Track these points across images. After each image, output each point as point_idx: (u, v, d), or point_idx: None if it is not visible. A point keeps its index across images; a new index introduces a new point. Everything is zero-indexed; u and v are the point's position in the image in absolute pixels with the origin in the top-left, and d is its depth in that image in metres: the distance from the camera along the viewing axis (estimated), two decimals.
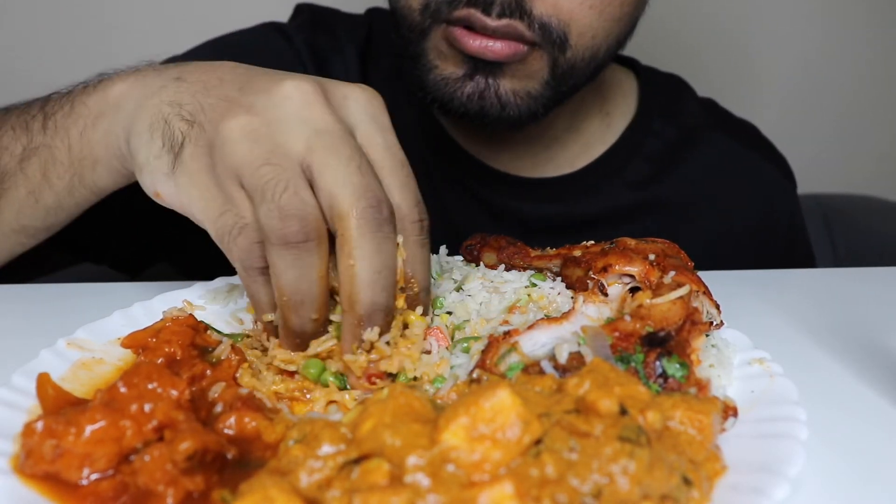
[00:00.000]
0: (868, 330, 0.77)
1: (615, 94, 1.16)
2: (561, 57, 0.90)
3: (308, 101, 0.60)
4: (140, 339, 0.64)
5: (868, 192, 1.76)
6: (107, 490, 0.48)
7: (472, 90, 0.91)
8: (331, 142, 0.58)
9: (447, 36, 0.88)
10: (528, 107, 0.93)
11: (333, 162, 0.58)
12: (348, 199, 0.57)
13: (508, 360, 0.60)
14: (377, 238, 0.58)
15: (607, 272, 0.68)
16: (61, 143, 0.76)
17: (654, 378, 0.57)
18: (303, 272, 0.58)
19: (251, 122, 0.59)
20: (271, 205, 0.56)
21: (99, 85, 0.75)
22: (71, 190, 0.78)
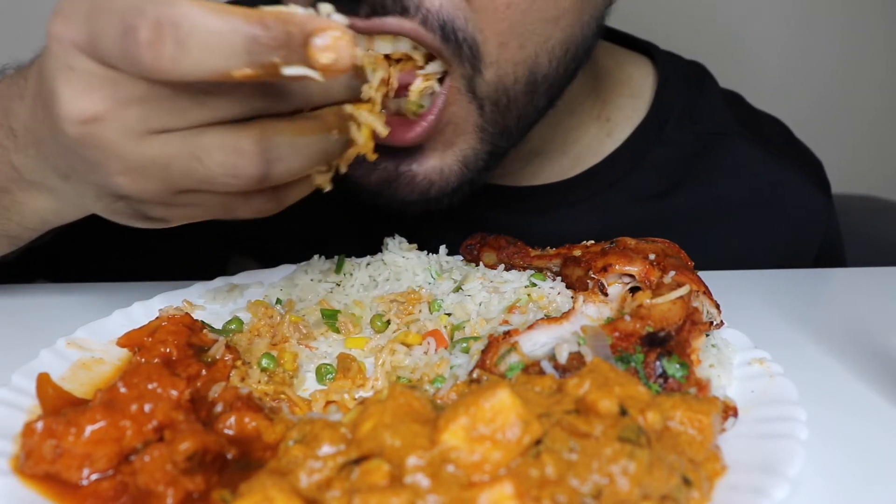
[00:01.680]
0: (868, 330, 0.76)
1: (619, 96, 0.99)
2: (480, 79, 0.71)
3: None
4: (136, 338, 0.65)
5: (868, 192, 1.75)
6: (107, 490, 0.48)
7: (379, 178, 0.75)
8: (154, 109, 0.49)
9: None
10: (463, 174, 0.75)
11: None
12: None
13: (508, 360, 0.60)
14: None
15: (607, 272, 0.68)
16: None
17: (654, 378, 0.57)
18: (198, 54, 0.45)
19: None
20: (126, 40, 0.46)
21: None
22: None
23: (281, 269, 0.85)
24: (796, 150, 1.08)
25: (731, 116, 1.02)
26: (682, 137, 0.98)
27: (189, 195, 0.53)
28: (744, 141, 1.01)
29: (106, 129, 0.49)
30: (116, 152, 0.50)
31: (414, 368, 0.65)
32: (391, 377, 0.65)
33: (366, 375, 0.66)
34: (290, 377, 0.65)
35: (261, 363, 0.64)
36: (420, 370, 0.65)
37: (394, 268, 0.81)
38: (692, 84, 1.03)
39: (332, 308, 0.75)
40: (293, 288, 0.80)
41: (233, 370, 0.62)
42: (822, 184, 1.07)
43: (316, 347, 0.70)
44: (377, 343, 0.70)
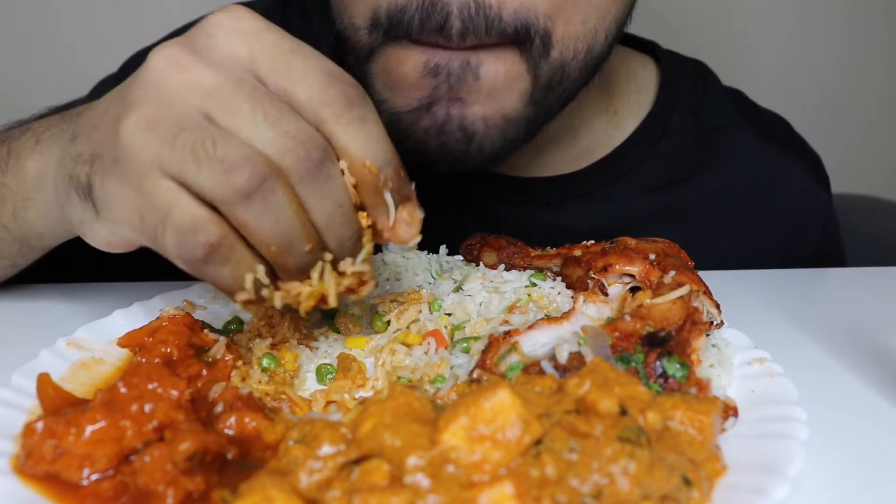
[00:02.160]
0: (868, 330, 0.76)
1: (626, 90, 1.03)
2: (544, 61, 0.75)
3: (181, 66, 0.54)
4: (136, 338, 0.65)
5: (868, 192, 1.75)
6: (107, 490, 0.48)
7: (429, 123, 0.77)
8: (225, 100, 0.53)
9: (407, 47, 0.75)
10: (503, 135, 0.78)
11: (239, 123, 0.52)
12: (274, 153, 0.52)
13: (508, 360, 0.60)
14: (317, 184, 0.53)
15: (607, 272, 0.68)
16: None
17: (655, 378, 0.57)
18: (277, 214, 0.53)
19: (141, 115, 0.53)
20: (212, 164, 0.50)
21: (10, 162, 0.72)
22: (21, 254, 0.77)
23: None
24: (796, 144, 1.12)
25: (733, 111, 1.05)
26: (687, 130, 1.01)
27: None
28: (746, 134, 1.04)
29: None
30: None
31: (414, 368, 0.65)
32: (391, 377, 0.65)
33: (366, 375, 0.66)
34: (291, 377, 0.65)
35: (261, 363, 0.64)
36: (420, 370, 0.65)
37: (394, 268, 0.81)
38: (695, 80, 1.05)
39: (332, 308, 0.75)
40: None
41: (233, 370, 0.62)
42: (822, 177, 1.10)
43: (316, 347, 0.70)
44: (377, 343, 0.70)
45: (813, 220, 1.08)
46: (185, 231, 0.52)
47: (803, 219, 1.06)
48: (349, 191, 0.56)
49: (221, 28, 0.55)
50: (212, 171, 0.51)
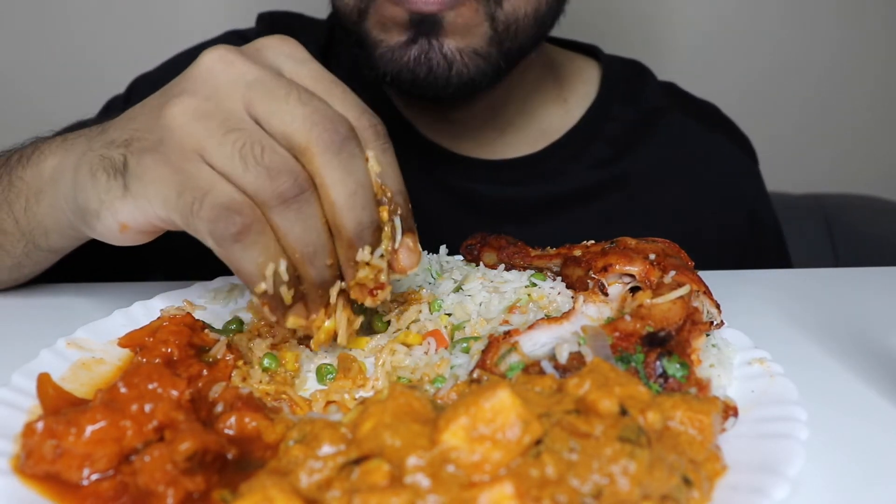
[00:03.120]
0: (868, 330, 0.76)
1: (573, 81, 1.18)
2: (499, 10, 0.92)
3: (229, 62, 0.59)
4: (137, 338, 0.65)
5: (868, 192, 1.75)
6: (107, 490, 0.48)
7: (418, 53, 0.92)
8: (264, 88, 0.58)
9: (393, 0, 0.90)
10: (475, 66, 0.94)
11: (274, 105, 0.57)
12: (302, 132, 0.57)
13: (508, 360, 0.60)
14: (342, 159, 0.57)
15: (607, 272, 0.68)
16: (6, 216, 0.78)
17: (655, 378, 0.57)
18: (308, 223, 0.57)
19: (189, 103, 0.58)
20: (256, 168, 0.55)
21: (32, 157, 0.76)
22: (28, 254, 0.80)
23: None
24: (725, 124, 1.26)
25: (667, 98, 1.21)
26: (627, 115, 1.17)
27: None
28: (679, 114, 1.19)
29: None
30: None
31: (414, 368, 0.65)
32: (391, 377, 0.65)
33: (366, 375, 0.66)
34: (292, 377, 0.65)
35: (262, 363, 0.64)
36: (420, 370, 0.65)
37: None
38: (632, 74, 1.22)
39: None
40: None
41: (234, 370, 0.62)
42: (750, 152, 1.24)
43: None
44: (377, 343, 0.70)
45: (744, 188, 1.21)
46: (222, 207, 0.55)
47: (734, 186, 1.19)
48: (373, 179, 0.60)
49: (272, 47, 0.62)
50: (258, 174, 0.56)
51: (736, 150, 1.22)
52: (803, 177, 1.85)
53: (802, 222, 1.57)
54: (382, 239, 0.61)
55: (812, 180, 1.86)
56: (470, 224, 0.97)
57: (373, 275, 0.61)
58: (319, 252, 0.58)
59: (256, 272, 0.57)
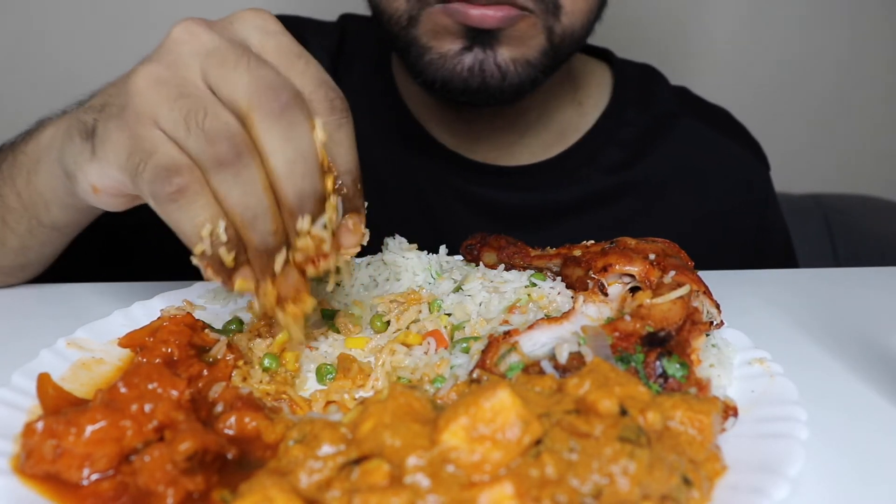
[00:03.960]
0: (868, 330, 0.76)
1: (588, 84, 1.19)
2: (556, 23, 0.94)
3: (193, 33, 0.60)
4: (137, 338, 0.65)
5: (868, 192, 1.75)
6: (107, 490, 0.48)
7: (472, 62, 0.93)
8: (219, 57, 0.58)
9: (447, 12, 0.91)
10: (527, 74, 0.95)
11: (224, 72, 0.58)
12: (244, 98, 0.57)
13: (508, 360, 0.60)
14: (282, 126, 0.57)
15: (607, 272, 0.68)
16: (10, 191, 0.81)
17: (655, 378, 0.57)
18: (246, 188, 0.57)
19: (151, 70, 0.59)
20: (197, 132, 0.56)
21: (34, 132, 0.79)
22: (31, 231, 0.82)
23: None
24: (737, 128, 1.26)
25: (679, 102, 1.22)
26: (640, 119, 1.17)
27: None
28: (691, 119, 1.20)
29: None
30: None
31: (414, 369, 0.65)
32: (391, 377, 0.65)
33: (367, 375, 0.66)
34: (292, 377, 0.65)
35: (263, 363, 0.64)
36: (420, 370, 0.65)
37: (394, 268, 0.81)
38: (644, 79, 1.23)
39: (333, 308, 0.75)
40: None
41: (234, 370, 0.62)
42: (761, 157, 1.24)
43: (316, 347, 0.70)
44: (377, 343, 0.70)
45: (755, 193, 1.21)
46: (161, 168, 0.57)
47: (746, 191, 1.19)
48: (317, 148, 0.59)
49: (243, 19, 0.62)
50: (196, 138, 0.56)
51: (748, 155, 1.22)
52: (803, 177, 1.85)
53: (802, 222, 1.56)
54: (327, 209, 0.60)
55: (812, 180, 1.86)
56: (483, 229, 0.96)
57: (314, 245, 0.61)
58: (260, 217, 0.58)
59: (194, 232, 0.58)
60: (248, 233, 0.58)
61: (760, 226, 1.21)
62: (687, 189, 1.16)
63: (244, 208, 0.58)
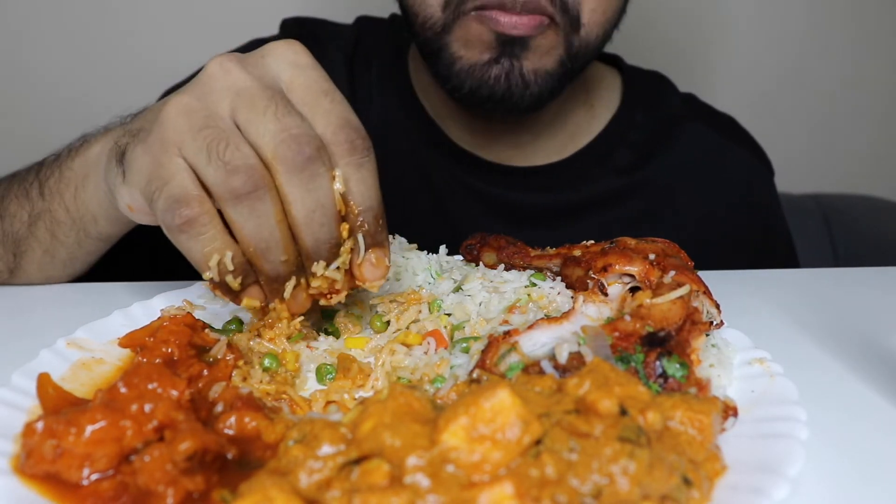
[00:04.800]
0: (868, 330, 0.76)
1: (599, 88, 1.23)
2: (574, 36, 0.98)
3: (226, 69, 0.63)
4: (137, 338, 0.64)
5: (868, 192, 1.76)
6: (107, 490, 0.48)
7: (499, 72, 0.98)
8: (248, 98, 0.61)
9: (480, 19, 0.95)
10: (546, 84, 1.00)
11: (253, 116, 0.60)
12: (269, 147, 0.59)
13: (508, 360, 0.60)
14: (303, 178, 0.60)
15: (607, 272, 0.68)
16: (59, 206, 0.84)
17: (654, 378, 0.57)
18: (260, 220, 0.60)
19: (182, 100, 0.62)
20: (217, 163, 0.59)
21: (80, 148, 0.83)
22: (80, 243, 0.85)
23: None
24: (742, 134, 1.29)
25: (687, 108, 1.26)
26: (649, 122, 1.21)
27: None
28: (699, 124, 1.23)
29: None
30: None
31: (414, 369, 0.65)
32: (391, 377, 0.65)
33: (366, 375, 0.66)
34: (293, 377, 0.65)
35: (263, 363, 0.64)
36: (420, 370, 0.65)
37: (394, 268, 0.81)
38: (653, 84, 1.27)
39: (332, 308, 0.75)
40: None
41: (234, 370, 0.62)
42: (766, 163, 1.28)
43: (316, 347, 0.70)
44: (377, 343, 0.70)
45: (760, 197, 1.24)
46: (173, 199, 0.60)
47: (751, 195, 1.23)
48: (335, 198, 0.61)
49: (275, 54, 0.64)
50: (216, 169, 0.59)
51: (754, 160, 1.25)
52: (803, 177, 1.86)
53: (802, 222, 1.57)
54: (341, 253, 0.63)
55: (812, 180, 1.86)
56: (496, 229, 1.00)
57: (326, 285, 0.64)
58: (273, 248, 0.61)
59: (202, 261, 0.61)
60: (260, 262, 0.62)
61: (764, 230, 1.24)
62: (693, 191, 1.19)
63: (258, 240, 0.61)
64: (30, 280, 0.90)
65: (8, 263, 0.90)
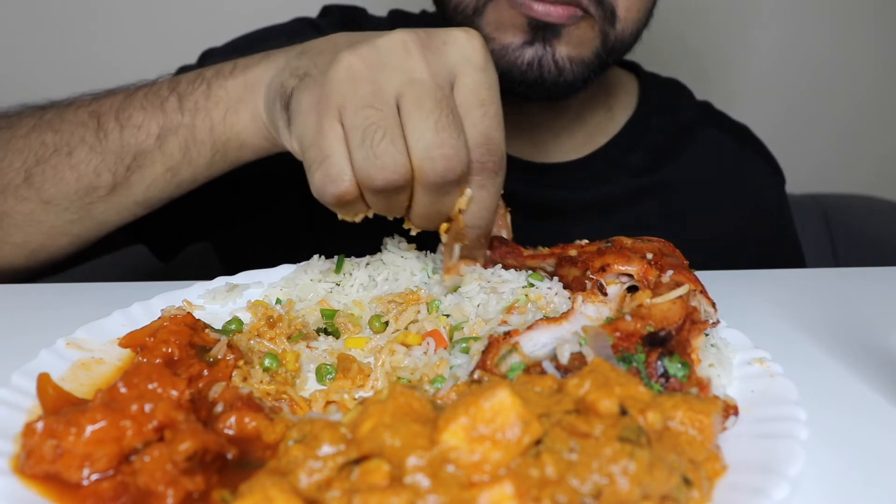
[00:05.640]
0: (868, 330, 0.76)
1: (618, 91, 1.24)
2: (611, 30, 0.99)
3: (407, 50, 0.65)
4: (138, 338, 0.64)
5: (868, 192, 1.76)
6: (107, 490, 0.48)
7: (532, 56, 0.98)
8: (419, 93, 0.63)
9: (512, 4, 0.95)
10: (581, 73, 1.01)
11: (416, 115, 0.63)
12: (420, 155, 0.63)
13: (510, 360, 0.60)
14: (435, 195, 0.65)
15: (606, 272, 0.68)
16: (202, 123, 0.82)
17: (656, 378, 0.57)
18: (388, 206, 0.67)
19: (354, 64, 0.65)
20: (368, 151, 0.62)
21: (235, 70, 0.82)
22: (211, 165, 0.85)
23: (280, 269, 0.84)
24: (755, 143, 1.32)
25: (702, 114, 1.29)
26: (665, 126, 1.23)
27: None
28: (713, 130, 1.26)
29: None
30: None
31: (413, 369, 0.65)
32: (391, 377, 0.65)
33: (366, 376, 0.66)
34: (293, 377, 0.65)
35: (263, 363, 0.64)
36: (420, 370, 0.65)
37: (392, 268, 0.81)
38: (670, 89, 1.30)
39: (332, 308, 0.75)
40: (293, 288, 0.80)
41: (235, 370, 0.62)
42: (777, 170, 1.30)
43: (316, 347, 0.70)
44: (376, 343, 0.70)
45: (771, 203, 1.27)
46: (329, 178, 0.65)
47: (762, 201, 1.26)
48: (454, 212, 0.69)
49: (457, 45, 0.68)
50: (365, 156, 0.63)
51: (767, 167, 1.28)
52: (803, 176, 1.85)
53: (802, 222, 1.57)
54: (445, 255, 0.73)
55: (812, 180, 1.86)
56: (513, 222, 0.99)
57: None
58: (389, 216, 0.70)
59: (347, 217, 0.70)
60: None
61: (773, 236, 1.26)
62: (706, 195, 1.21)
63: (380, 211, 0.69)
64: (129, 200, 0.86)
65: (116, 176, 0.85)
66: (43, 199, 0.86)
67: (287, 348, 0.68)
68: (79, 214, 0.87)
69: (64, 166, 0.85)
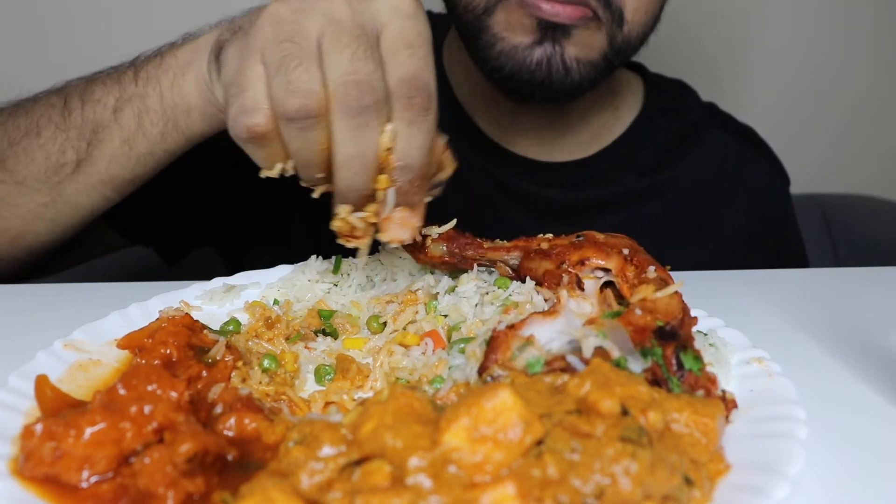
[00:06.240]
0: (868, 330, 0.76)
1: (624, 91, 1.25)
2: (619, 32, 1.00)
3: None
4: (136, 339, 0.64)
5: (868, 192, 1.76)
6: (107, 492, 0.48)
7: (541, 56, 0.99)
8: (338, 30, 0.62)
9: (522, 5, 0.96)
10: (588, 74, 1.02)
11: (334, 48, 0.62)
12: (333, 85, 0.61)
13: (525, 355, 0.59)
14: (353, 124, 0.61)
15: (583, 266, 0.67)
16: (153, 91, 0.82)
17: (674, 372, 0.56)
18: (304, 145, 0.63)
19: (279, 10, 0.64)
20: (282, 78, 0.61)
21: (187, 39, 0.83)
22: (164, 136, 0.84)
23: (278, 270, 0.84)
24: (762, 146, 1.32)
25: (708, 115, 1.30)
26: (671, 126, 1.24)
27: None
28: (719, 131, 1.27)
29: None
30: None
31: (412, 369, 0.65)
32: (390, 378, 0.65)
33: (365, 376, 0.66)
34: (292, 378, 0.65)
35: (262, 364, 0.64)
36: (418, 371, 0.65)
37: (390, 268, 0.81)
38: (676, 90, 1.31)
39: (330, 308, 0.75)
40: (290, 288, 0.80)
41: (234, 371, 0.62)
42: (782, 173, 1.31)
43: (314, 348, 0.70)
44: (375, 344, 0.70)
45: (776, 204, 1.27)
46: (243, 109, 0.63)
47: (767, 202, 1.26)
48: (378, 151, 0.63)
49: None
50: (279, 84, 0.62)
51: (773, 169, 1.28)
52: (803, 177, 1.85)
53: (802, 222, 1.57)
54: (368, 208, 0.66)
55: (812, 180, 1.86)
56: (517, 220, 1.02)
57: (347, 227, 0.67)
58: (311, 168, 0.65)
59: (263, 164, 0.67)
60: (300, 171, 0.66)
61: (778, 237, 1.27)
62: (710, 196, 1.21)
63: (298, 157, 0.65)
64: (95, 178, 0.87)
65: (79, 153, 0.86)
66: (17, 181, 0.87)
67: (285, 349, 0.68)
68: (51, 196, 0.88)
69: (34, 146, 0.86)
